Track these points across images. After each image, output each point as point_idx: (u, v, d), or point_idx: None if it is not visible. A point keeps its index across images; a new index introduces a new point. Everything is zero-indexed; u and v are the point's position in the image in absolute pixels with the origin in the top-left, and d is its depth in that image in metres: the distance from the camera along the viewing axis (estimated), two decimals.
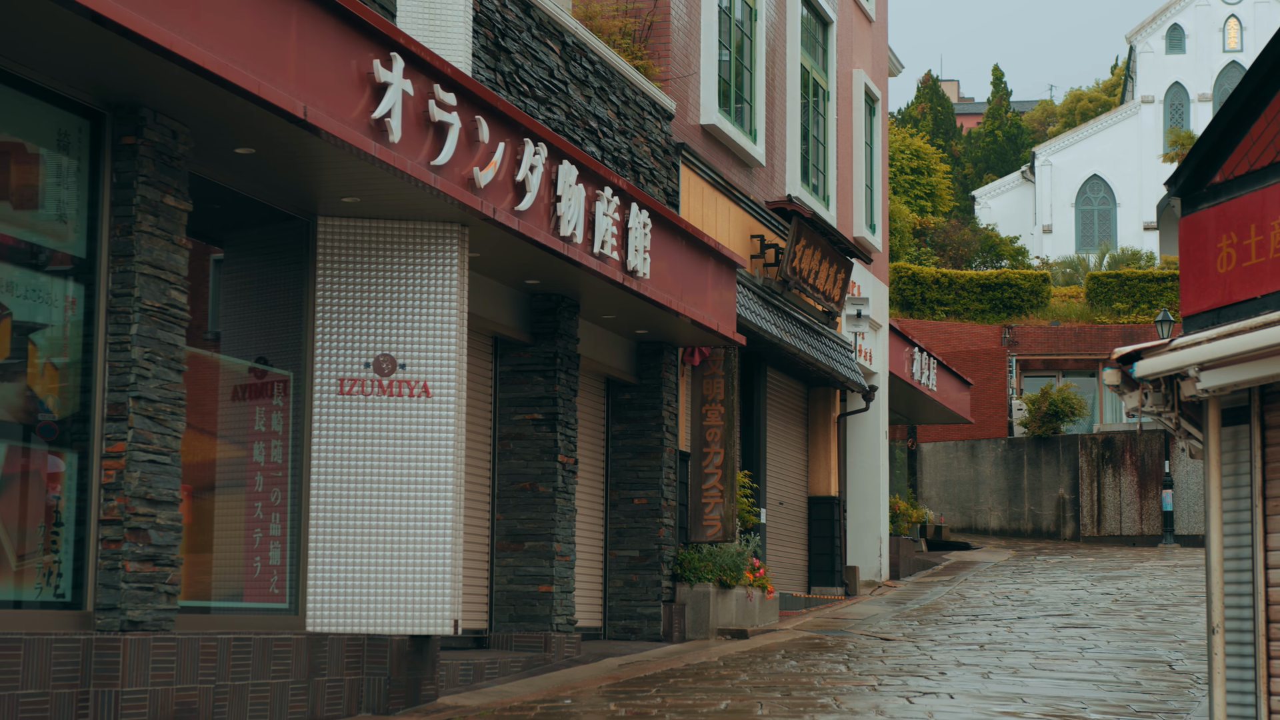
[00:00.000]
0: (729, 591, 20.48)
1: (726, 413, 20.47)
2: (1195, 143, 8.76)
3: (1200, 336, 8.13)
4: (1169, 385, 8.00)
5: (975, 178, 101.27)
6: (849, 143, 28.24)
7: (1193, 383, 7.78)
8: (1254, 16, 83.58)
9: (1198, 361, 7.70)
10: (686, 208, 20.59)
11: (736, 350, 20.75)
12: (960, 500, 45.07)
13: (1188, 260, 8.30)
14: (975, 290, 50.91)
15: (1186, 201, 8.38)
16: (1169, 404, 8.13)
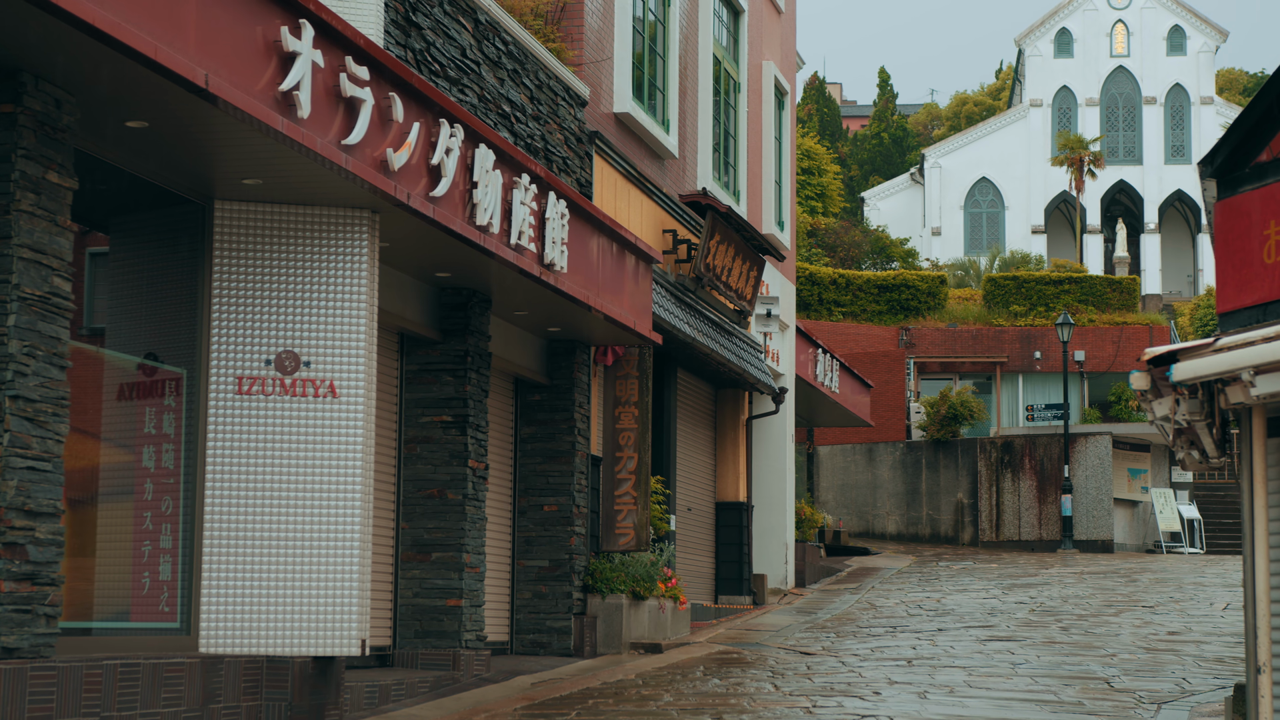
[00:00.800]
0: (642, 603, 19.51)
1: (640, 415, 19.49)
2: (1237, 118, 7.90)
3: (1253, 336, 7.27)
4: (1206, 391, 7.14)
5: (861, 180, 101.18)
6: (759, 137, 27.36)
7: (1244, 388, 6.90)
8: (1140, 22, 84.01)
9: (1253, 364, 6.81)
10: (599, 199, 19.59)
11: (651, 350, 19.79)
12: (858, 504, 44.41)
13: (1226, 249, 7.45)
14: (872, 291, 50.34)
15: (1225, 183, 7.53)
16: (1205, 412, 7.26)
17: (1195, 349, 6.83)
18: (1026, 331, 49.74)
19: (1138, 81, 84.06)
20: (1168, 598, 26.23)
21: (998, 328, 49.90)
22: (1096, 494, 40.58)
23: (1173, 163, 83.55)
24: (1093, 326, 49.96)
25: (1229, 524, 43.74)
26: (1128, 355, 50.35)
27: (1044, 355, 49.47)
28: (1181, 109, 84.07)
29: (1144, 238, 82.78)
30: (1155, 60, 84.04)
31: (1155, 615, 23.49)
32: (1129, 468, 41.64)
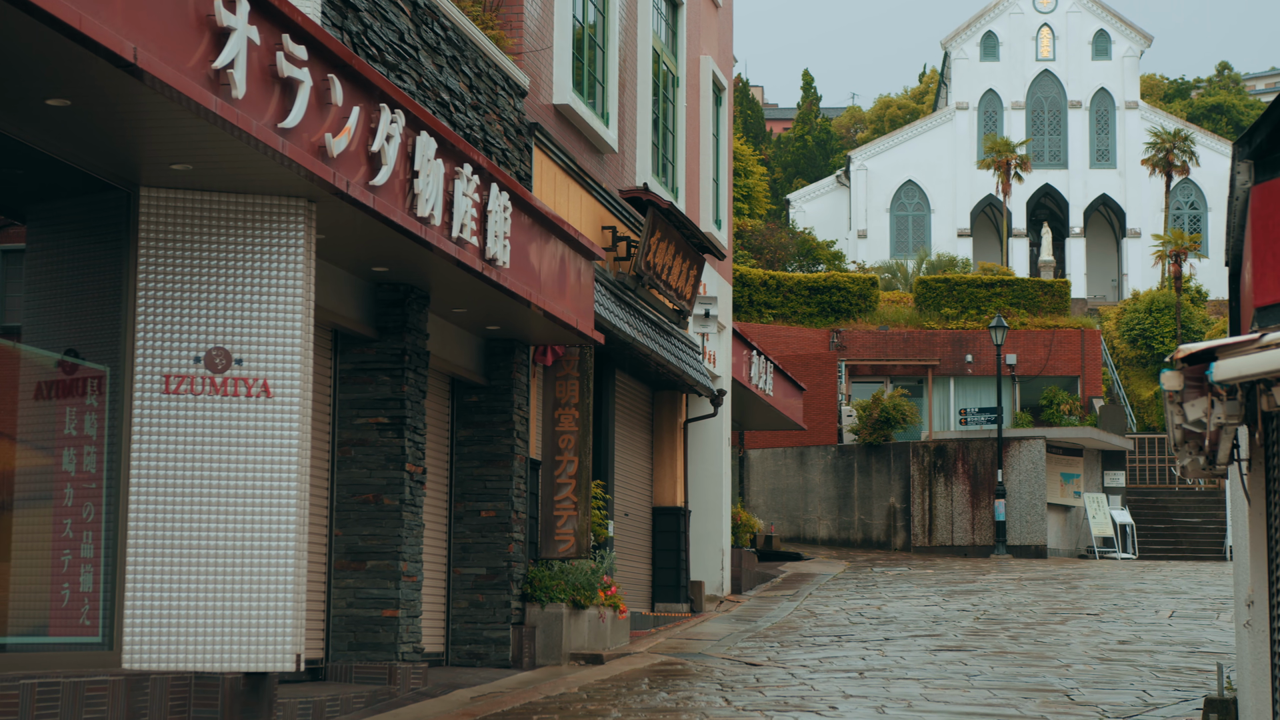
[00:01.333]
0: (582, 612, 18.83)
1: (581, 418, 18.81)
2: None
3: None
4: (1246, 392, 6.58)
5: (785, 182, 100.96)
6: (697, 133, 26.75)
7: None
8: (1066, 26, 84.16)
9: None
10: (539, 193, 18.90)
11: (593, 350, 19.12)
12: (789, 509, 43.90)
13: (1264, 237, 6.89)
14: (803, 293, 49.87)
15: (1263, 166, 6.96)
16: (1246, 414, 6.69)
17: (1237, 345, 6.27)
18: (958, 334, 49.41)
19: (1063, 85, 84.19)
20: (1111, 605, 25.82)
21: (929, 330, 49.55)
22: (1030, 499, 40.24)
23: (1097, 167, 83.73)
24: (1024, 330, 49.71)
25: (1161, 529, 43.57)
26: (1059, 359, 50.14)
27: (976, 358, 49.18)
28: (1106, 113, 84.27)
29: (1069, 242, 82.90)
30: (1080, 64, 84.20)
31: (1102, 624, 23.05)
32: (1062, 472, 41.36)
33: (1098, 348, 50.92)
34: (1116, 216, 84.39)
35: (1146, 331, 62.05)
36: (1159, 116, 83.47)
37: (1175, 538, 43.23)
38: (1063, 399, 49.69)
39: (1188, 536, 43.40)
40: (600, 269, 20.77)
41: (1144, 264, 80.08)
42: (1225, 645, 20.70)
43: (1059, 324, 50.97)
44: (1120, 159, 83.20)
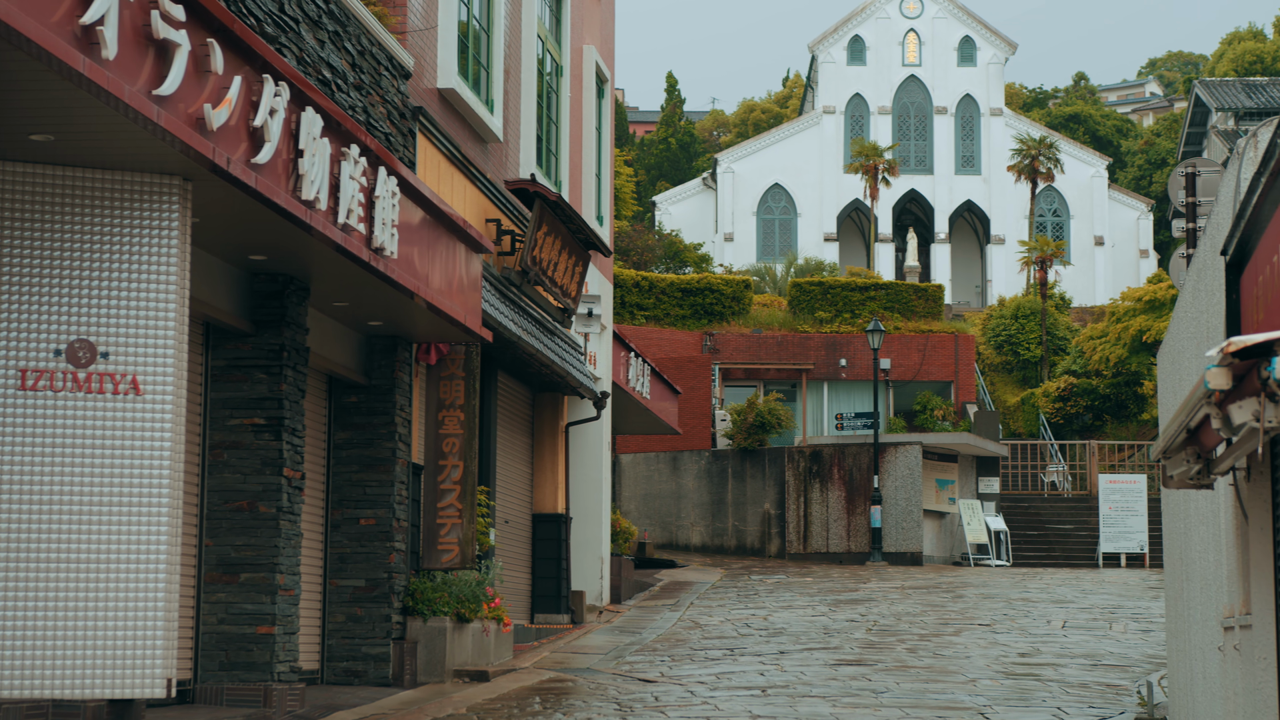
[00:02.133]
0: (466, 626, 17.78)
1: (467, 420, 17.76)
2: None
3: None
4: None
5: (649, 185, 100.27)
6: (580, 125, 25.79)
7: None
8: (932, 32, 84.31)
9: None
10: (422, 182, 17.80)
11: (479, 348, 18.08)
12: (661, 515, 43.03)
13: None
14: (676, 295, 49.06)
15: None
16: None
17: None
18: (832, 338, 48.84)
19: (929, 91, 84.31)
20: (1001, 615, 25.22)
21: (803, 334, 48.94)
22: (906, 505, 39.71)
23: (963, 173, 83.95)
24: (898, 334, 49.25)
25: (1034, 536, 43.27)
26: (933, 364, 49.75)
27: (850, 363, 48.64)
28: (972, 120, 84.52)
29: (934, 248, 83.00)
30: (946, 70, 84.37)
31: (997, 635, 22.41)
32: (937, 478, 40.90)
33: (971, 353, 50.64)
34: (981, 223, 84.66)
35: (1013, 337, 62.03)
36: (1023, 124, 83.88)
37: (1048, 544, 42.96)
38: (936, 404, 49.30)
39: (1060, 543, 43.16)
40: (485, 264, 19.73)
41: (1008, 270, 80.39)
42: (1126, 658, 20.12)
43: (932, 329, 50.61)
44: (985, 166, 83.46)
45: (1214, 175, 16.72)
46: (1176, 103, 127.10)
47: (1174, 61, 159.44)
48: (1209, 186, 16.57)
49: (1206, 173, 16.71)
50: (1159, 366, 13.60)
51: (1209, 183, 16.60)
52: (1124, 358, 51.78)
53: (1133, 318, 51.65)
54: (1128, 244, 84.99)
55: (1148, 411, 55.93)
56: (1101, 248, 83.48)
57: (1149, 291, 51.80)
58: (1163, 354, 12.94)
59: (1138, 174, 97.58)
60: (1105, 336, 52.90)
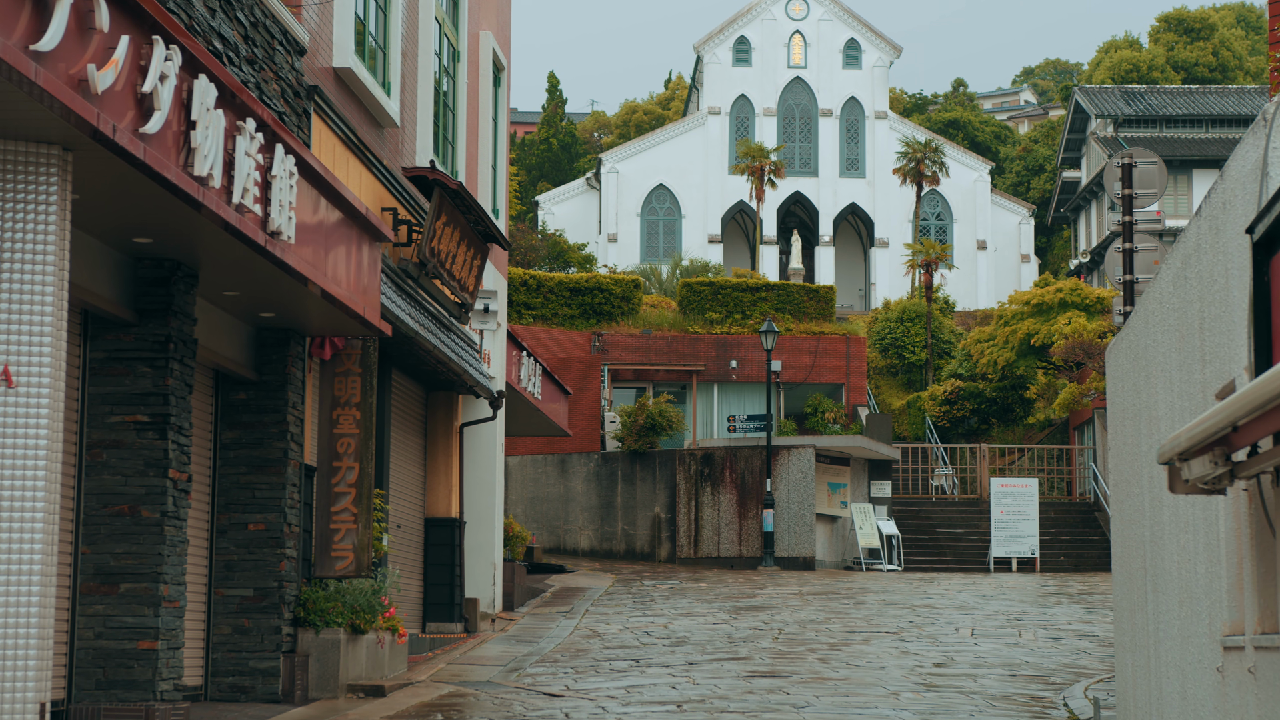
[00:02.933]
0: (360, 638, 16.73)
1: (363, 419, 16.73)
2: None
3: None
4: None
5: (530, 185, 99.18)
6: (476, 113, 24.78)
7: None
8: (818, 34, 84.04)
9: None
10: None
11: (376, 343, 17.04)
12: (549, 519, 42.04)
13: None
14: (564, 294, 48.09)
15: None
16: None
17: None
18: (723, 340, 48.11)
19: (814, 93, 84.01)
20: (907, 622, 24.54)
21: (693, 335, 48.17)
22: (799, 509, 39.04)
23: (847, 176, 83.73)
24: (789, 336, 48.61)
25: (925, 540, 42.78)
26: (824, 366, 49.19)
27: (741, 364, 47.93)
28: (857, 123, 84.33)
29: (819, 250, 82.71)
30: (831, 73, 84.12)
31: (908, 644, 21.70)
32: (829, 482, 40.28)
33: (863, 355, 50.14)
34: (865, 226, 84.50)
35: (898, 341, 61.75)
36: (908, 127, 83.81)
37: (939, 549, 42.49)
38: (827, 407, 48.75)
39: (951, 548, 42.71)
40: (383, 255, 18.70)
41: (892, 273, 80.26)
42: (1042, 667, 19.48)
43: (824, 330, 50.02)
44: (870, 169, 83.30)
45: (1152, 168, 16.11)
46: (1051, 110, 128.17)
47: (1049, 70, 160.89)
48: (1147, 178, 15.96)
49: (1144, 164, 16.10)
50: (1110, 363, 12.88)
51: (1147, 174, 15.98)
52: (1011, 361, 51.54)
53: (1020, 321, 51.40)
54: (1009, 248, 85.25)
55: (1033, 415, 55.79)
56: (984, 252, 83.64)
57: (1036, 295, 51.59)
58: (1118, 350, 12.21)
59: (1015, 179, 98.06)
60: (993, 340, 52.63)
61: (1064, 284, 51.46)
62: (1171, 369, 9.33)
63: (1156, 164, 16.15)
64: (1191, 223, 8.64)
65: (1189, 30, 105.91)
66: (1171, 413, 9.34)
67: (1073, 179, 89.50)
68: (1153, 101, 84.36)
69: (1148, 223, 15.35)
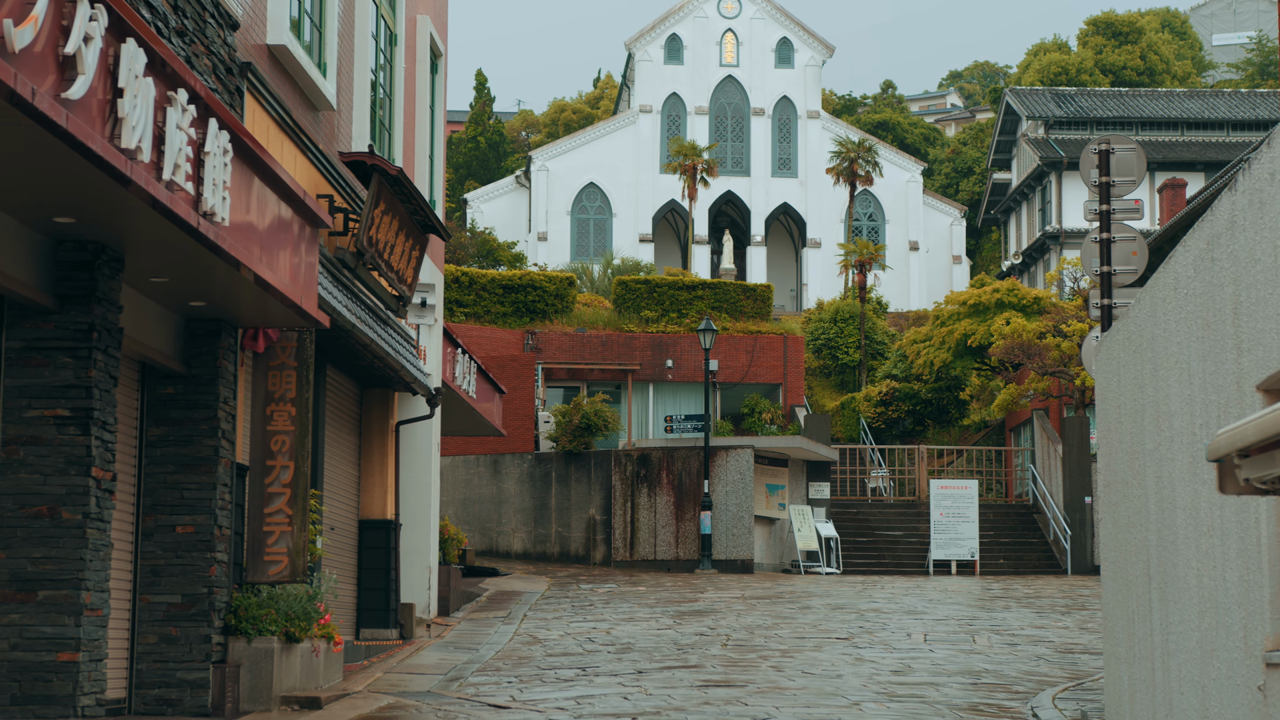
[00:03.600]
0: (295, 647, 15.82)
1: (298, 415, 15.83)
2: None
3: None
4: None
5: (457, 184, 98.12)
6: (414, 101, 23.88)
7: None
8: (750, 32, 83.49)
9: None
10: None
11: (313, 335, 16.14)
12: (481, 520, 41.12)
13: None
14: (497, 292, 47.14)
15: None
16: None
17: None
18: (658, 338, 47.34)
19: (747, 92, 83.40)
20: (857, 627, 23.84)
21: (628, 334, 47.37)
22: (737, 511, 38.33)
23: (779, 175, 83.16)
24: (726, 335, 47.86)
25: (863, 543, 42.19)
26: (761, 365, 48.51)
27: (677, 364, 47.16)
28: (789, 122, 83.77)
29: (750, 250, 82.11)
30: (764, 72, 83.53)
31: (861, 650, 20.99)
32: (768, 483, 39.59)
33: (800, 355, 49.46)
34: (797, 226, 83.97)
35: (831, 341, 61.24)
36: (840, 127, 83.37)
37: (878, 551, 41.90)
38: (764, 407, 48.07)
39: (890, 550, 42.13)
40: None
41: (824, 274, 79.79)
42: (1003, 675, 18.82)
43: (761, 330, 49.31)
44: (802, 168, 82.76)
45: (1130, 154, 15.44)
46: (979, 114, 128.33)
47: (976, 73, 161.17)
48: (1125, 166, 15.30)
49: (1122, 150, 15.43)
50: (1101, 358, 12.17)
51: (1125, 161, 15.32)
52: (948, 362, 51.04)
53: (957, 321, 50.90)
54: (941, 250, 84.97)
55: (969, 417, 55.37)
56: (916, 253, 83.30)
57: (973, 295, 51.11)
58: (1112, 344, 11.50)
59: (944, 182, 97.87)
60: (929, 340, 52.11)
61: (1001, 284, 51.02)
62: (1190, 360, 8.61)
63: (1135, 151, 15.49)
64: (1222, 199, 7.91)
65: (1117, 34, 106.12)
66: (1190, 407, 8.62)
67: (1003, 181, 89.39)
68: (1084, 104, 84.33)
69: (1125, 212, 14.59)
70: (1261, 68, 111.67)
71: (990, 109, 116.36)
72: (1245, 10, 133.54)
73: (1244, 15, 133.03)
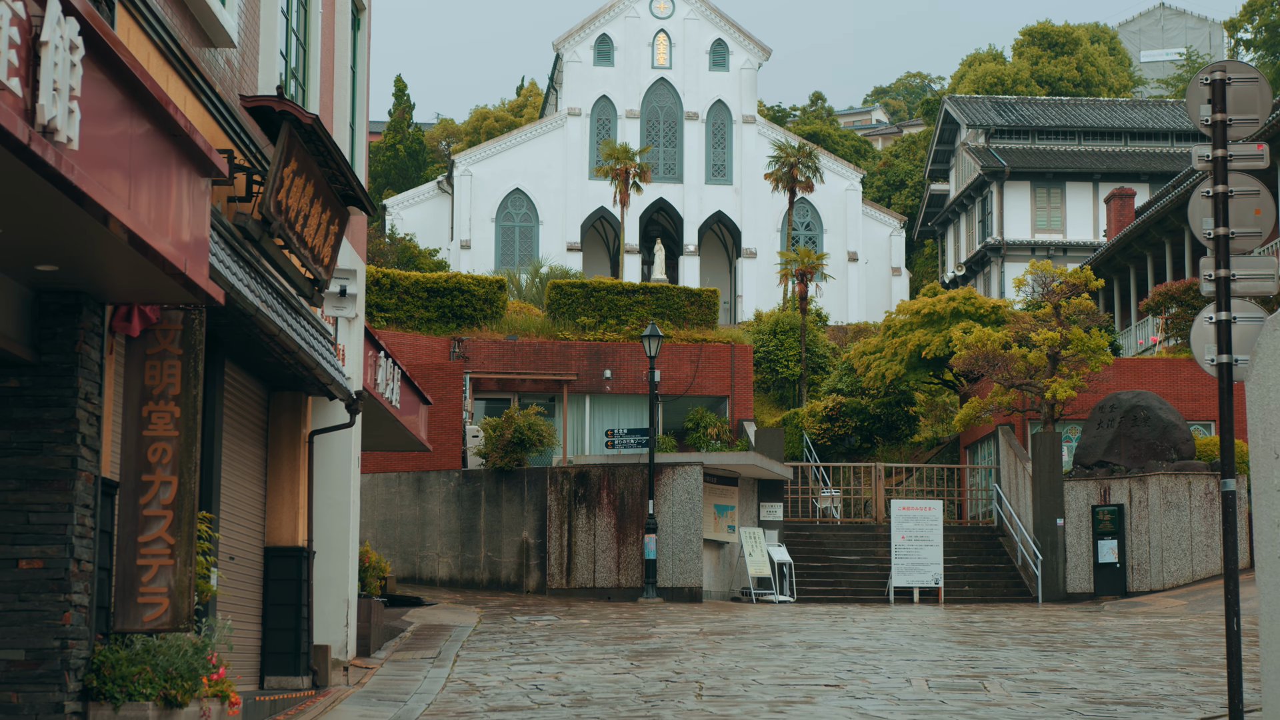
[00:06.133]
0: (177, 712, 12.38)
1: (184, 417, 12.42)
2: None
3: None
4: None
5: (376, 193, 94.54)
6: (332, 56, 20.52)
7: None
8: (683, 34, 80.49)
9: None
10: None
11: (204, 316, 12.72)
12: (403, 544, 37.61)
13: None
14: (421, 295, 43.68)
15: None
16: None
17: None
18: (596, 347, 44.01)
19: (680, 96, 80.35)
20: (845, 672, 20.63)
21: (564, 342, 44.01)
22: (684, 534, 35.08)
23: (713, 183, 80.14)
24: (669, 344, 44.52)
25: (818, 568, 39.04)
26: (707, 377, 45.27)
27: (616, 374, 43.84)
28: (724, 127, 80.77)
29: (683, 260, 79.03)
30: (698, 74, 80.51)
31: (861, 702, 17.76)
32: (716, 504, 36.37)
33: (749, 366, 46.20)
34: (732, 235, 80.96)
35: (771, 354, 58.27)
36: (777, 133, 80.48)
37: (834, 578, 38.73)
38: (710, 421, 44.86)
39: (846, 576, 38.99)
40: (213, 208, 14.40)
41: (760, 285, 76.86)
42: None
43: (707, 338, 46.06)
44: (737, 175, 79.80)
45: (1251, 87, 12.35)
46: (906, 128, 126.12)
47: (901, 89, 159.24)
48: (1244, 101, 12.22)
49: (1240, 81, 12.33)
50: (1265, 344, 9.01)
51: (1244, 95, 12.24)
52: (901, 374, 48.03)
53: (910, 331, 47.88)
54: (880, 261, 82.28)
55: (919, 433, 52.40)
56: (855, 264, 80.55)
57: (927, 304, 48.10)
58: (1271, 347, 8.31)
59: (876, 195, 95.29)
60: (880, 352, 49.06)
61: (957, 292, 48.08)
62: None
63: (1257, 82, 12.39)
64: None
65: (1053, 44, 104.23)
66: None
67: (941, 191, 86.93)
68: (1025, 112, 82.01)
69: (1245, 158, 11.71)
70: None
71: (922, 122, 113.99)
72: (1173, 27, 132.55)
73: (1172, 32, 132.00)
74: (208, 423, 15.72)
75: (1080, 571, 37.35)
